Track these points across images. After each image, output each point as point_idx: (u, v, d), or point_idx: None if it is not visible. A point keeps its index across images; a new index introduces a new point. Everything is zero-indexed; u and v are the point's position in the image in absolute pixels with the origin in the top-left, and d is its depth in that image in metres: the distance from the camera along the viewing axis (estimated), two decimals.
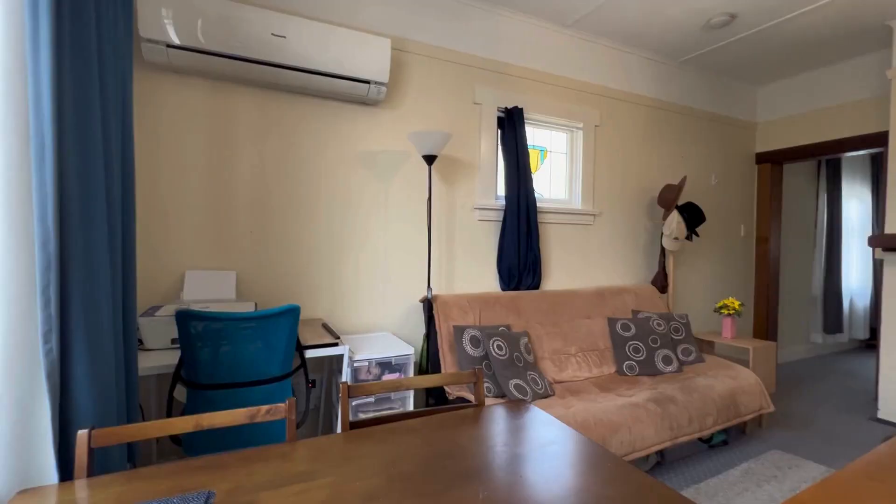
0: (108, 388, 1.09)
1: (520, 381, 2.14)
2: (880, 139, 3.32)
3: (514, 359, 2.22)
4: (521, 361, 2.24)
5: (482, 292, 2.64)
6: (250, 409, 1.01)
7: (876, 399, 3.30)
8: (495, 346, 2.20)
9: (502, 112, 2.81)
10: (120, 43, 1.23)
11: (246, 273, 2.16)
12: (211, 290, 1.97)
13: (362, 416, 1.96)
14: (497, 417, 1.20)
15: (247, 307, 1.83)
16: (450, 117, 2.65)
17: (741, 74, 3.82)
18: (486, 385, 2.14)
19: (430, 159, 2.28)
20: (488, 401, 2.05)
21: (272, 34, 1.96)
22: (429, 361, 2.38)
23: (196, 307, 1.59)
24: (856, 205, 4.97)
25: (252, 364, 1.54)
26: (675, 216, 3.21)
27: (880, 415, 2.94)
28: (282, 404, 1.04)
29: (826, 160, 4.64)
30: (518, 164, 2.73)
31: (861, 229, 5.01)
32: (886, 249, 2.84)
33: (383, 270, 2.47)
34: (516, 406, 1.28)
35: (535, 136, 3.08)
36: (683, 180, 3.19)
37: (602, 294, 3.00)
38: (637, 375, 2.59)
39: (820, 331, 4.66)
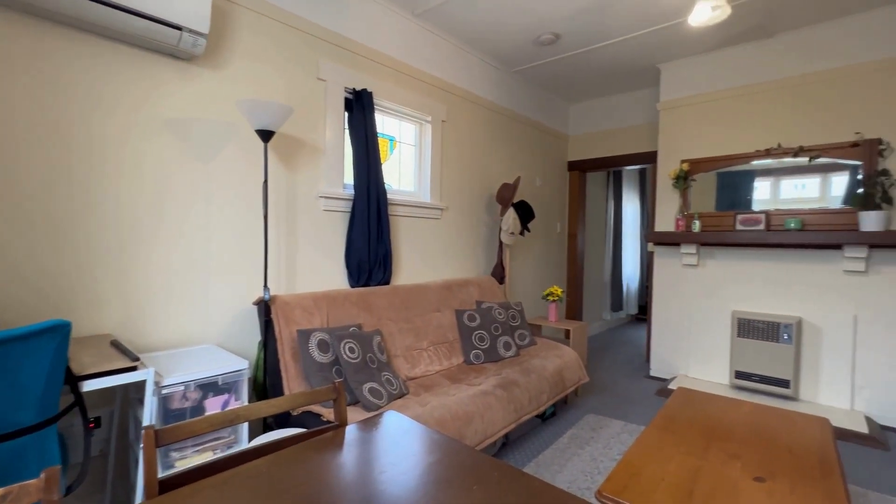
0: None
1: (374, 385, 1.99)
2: (650, 157, 4.23)
3: (368, 360, 2.06)
4: (374, 362, 2.09)
5: (330, 290, 2.39)
6: None
7: (648, 361, 4.20)
8: (347, 348, 2.00)
9: (350, 93, 2.58)
10: None
11: None
12: None
13: (179, 465, 1.52)
14: (361, 437, 1.03)
15: None
16: (290, 90, 2.31)
17: (559, 91, 4.40)
18: None
19: (265, 135, 1.92)
20: None
21: None
22: (266, 374, 2.03)
23: None
24: (631, 208, 6.29)
25: None
26: (511, 213, 3.49)
27: (652, 373, 3.75)
28: (33, 480, 0.66)
29: (613, 171, 5.74)
30: (368, 151, 2.56)
31: (634, 228, 6.38)
32: (657, 244, 3.62)
33: (204, 269, 2.01)
34: (381, 419, 1.12)
35: (384, 124, 2.94)
36: (518, 180, 3.49)
37: (450, 287, 3.06)
38: (483, 363, 2.72)
39: (609, 309, 5.76)
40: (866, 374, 2.83)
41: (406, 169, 3.13)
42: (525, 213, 3.62)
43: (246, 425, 1.68)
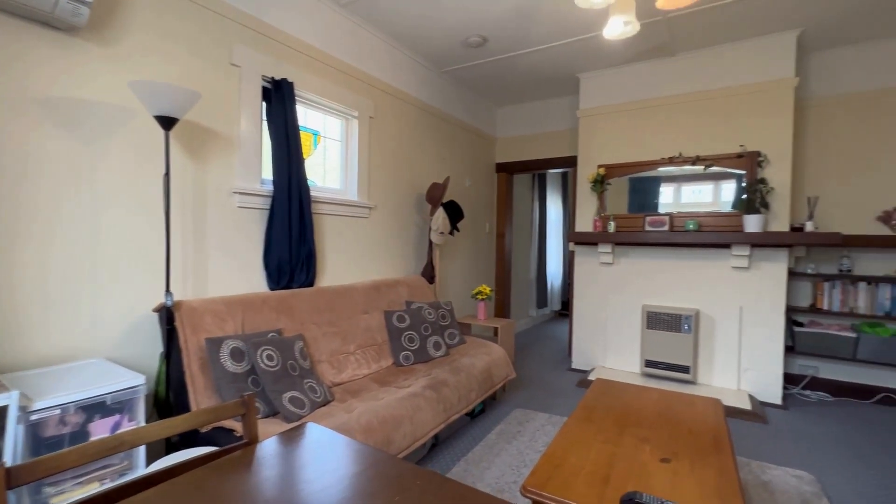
0: None
1: (295, 393, 1.87)
2: (572, 161, 4.47)
3: (289, 368, 1.93)
4: (296, 370, 1.96)
5: (246, 293, 2.21)
6: None
7: (570, 354, 4.44)
8: (264, 356, 1.85)
9: (269, 82, 2.41)
10: None
11: None
12: None
13: (54, 501, 1.30)
14: (275, 453, 0.94)
15: None
16: (198, 75, 2.09)
17: (487, 94, 4.49)
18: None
19: (166, 122, 1.72)
20: (260, 424, 1.69)
21: None
22: (169, 389, 1.82)
23: None
24: (554, 209, 6.62)
25: None
26: (440, 212, 3.50)
27: (574, 366, 3.97)
28: None
29: (538, 174, 6.00)
30: (289, 145, 2.40)
31: (557, 228, 6.72)
32: (577, 243, 3.83)
33: (91, 272, 1.75)
34: (297, 433, 1.04)
35: (307, 117, 2.79)
36: (447, 180, 3.50)
37: (378, 287, 2.98)
38: (413, 364, 2.68)
39: (535, 306, 6.01)
40: (749, 357, 3.22)
41: (332, 165, 2.99)
42: (454, 212, 3.65)
43: (142, 449, 1.48)
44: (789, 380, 3.46)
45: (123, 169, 1.84)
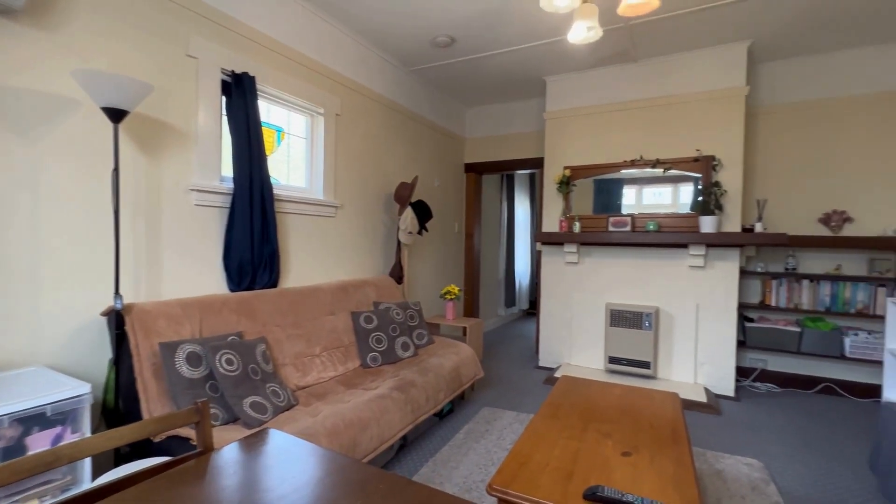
0: None
1: (257, 398, 1.81)
2: (539, 162, 4.54)
3: (250, 372, 1.86)
4: (257, 374, 1.90)
5: (204, 295, 2.12)
6: None
7: (537, 352, 4.51)
8: (223, 360, 1.78)
9: (229, 75, 2.32)
10: None
11: None
12: None
13: None
14: (232, 461, 0.91)
15: None
16: (151, 66, 1.99)
17: (456, 94, 4.50)
18: (212, 412, 1.70)
19: (115, 115, 1.62)
20: (217, 431, 1.63)
21: None
22: (119, 397, 1.72)
23: None
24: (522, 210, 6.72)
25: None
26: (409, 212, 3.47)
27: (541, 363, 4.03)
28: None
29: (506, 175, 6.07)
30: (250, 141, 2.32)
31: (525, 228, 6.82)
32: (544, 243, 3.90)
33: (29, 273, 1.63)
34: (255, 440, 1.00)
35: (270, 113, 2.71)
36: (415, 179, 3.48)
37: (345, 288, 2.93)
38: (380, 366, 2.65)
39: (503, 305, 6.08)
40: (705, 352, 3.37)
41: (296, 163, 2.92)
42: (423, 212, 3.63)
43: (87, 462, 1.39)
44: (741, 373, 3.65)
45: (68, 163, 1.72)
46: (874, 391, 3.24)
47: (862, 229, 3.30)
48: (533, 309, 6.96)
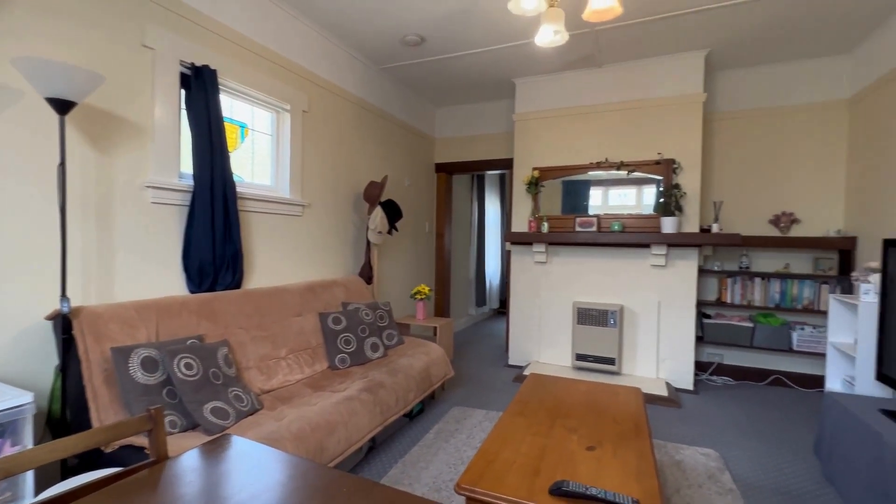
0: None
1: (218, 404, 1.74)
2: (509, 163, 4.60)
3: (211, 376, 1.79)
4: (219, 378, 1.83)
5: (161, 297, 2.02)
6: None
7: (507, 351, 4.56)
8: (182, 365, 1.71)
9: (188, 68, 2.23)
10: None
11: None
12: None
13: None
14: (189, 471, 0.87)
15: None
16: (102, 55, 1.88)
17: (426, 94, 4.49)
18: (170, 420, 1.63)
19: (61, 106, 1.53)
20: (175, 439, 1.56)
21: None
22: (66, 406, 1.62)
23: None
24: (493, 210, 6.78)
25: None
26: (378, 211, 3.44)
27: (510, 362, 4.08)
28: None
29: (477, 175, 6.11)
30: (211, 137, 2.24)
31: (495, 228, 6.89)
32: (513, 243, 3.95)
33: None
34: (213, 446, 0.97)
35: (233, 108, 2.62)
36: (385, 179, 3.45)
37: (313, 289, 2.87)
38: (349, 367, 2.61)
39: (474, 305, 6.12)
40: (666, 348, 3.50)
41: (261, 160, 2.83)
42: (393, 212, 3.60)
43: (29, 475, 1.30)
44: (699, 367, 3.82)
45: (8, 157, 1.60)
46: (819, 382, 3.46)
47: (808, 230, 3.52)
48: (503, 308, 7.03)
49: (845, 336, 2.76)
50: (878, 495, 1.67)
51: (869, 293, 2.42)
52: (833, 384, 2.82)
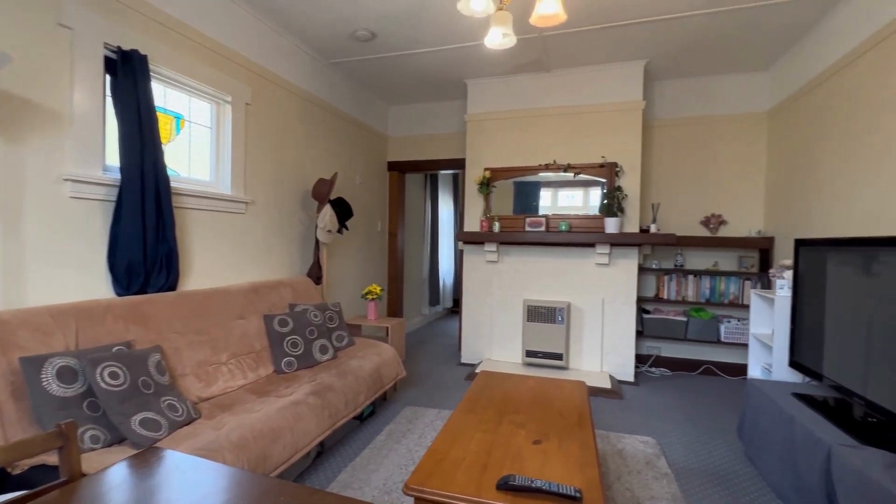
0: None
1: (149, 415, 1.62)
2: (461, 163, 4.63)
3: (140, 385, 1.66)
4: (150, 387, 1.70)
5: (82, 301, 1.85)
6: None
7: (460, 350, 4.60)
8: (106, 374, 1.57)
9: (114, 52, 2.05)
10: None
11: None
12: None
13: None
14: (107, 490, 0.79)
15: None
16: (9, 32, 1.69)
17: (378, 91, 4.43)
18: (91, 434, 1.49)
19: None
20: (98, 455, 1.43)
21: None
22: None
23: None
24: (446, 209, 6.81)
25: None
26: (328, 210, 3.34)
27: (463, 360, 4.12)
28: None
29: (430, 174, 6.11)
30: (141, 127, 2.08)
31: (448, 227, 6.92)
32: (466, 242, 3.99)
33: None
34: (139, 461, 0.89)
35: (167, 97, 2.44)
36: (335, 176, 3.36)
37: (257, 290, 2.74)
38: (296, 371, 2.52)
39: (427, 304, 6.11)
40: (610, 342, 3.68)
41: (199, 154, 2.67)
42: (343, 210, 3.52)
43: None
44: (640, 359, 4.04)
45: None
46: (743, 370, 3.77)
47: (734, 231, 3.82)
48: (457, 307, 7.08)
49: (765, 327, 3.03)
50: (788, 468, 1.84)
51: (783, 288, 2.66)
52: (754, 371, 3.08)
